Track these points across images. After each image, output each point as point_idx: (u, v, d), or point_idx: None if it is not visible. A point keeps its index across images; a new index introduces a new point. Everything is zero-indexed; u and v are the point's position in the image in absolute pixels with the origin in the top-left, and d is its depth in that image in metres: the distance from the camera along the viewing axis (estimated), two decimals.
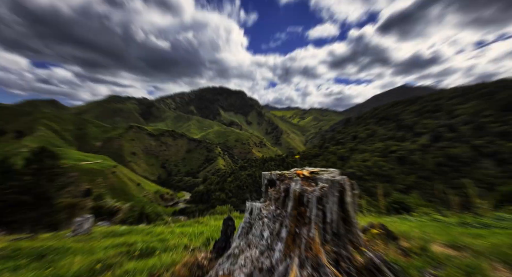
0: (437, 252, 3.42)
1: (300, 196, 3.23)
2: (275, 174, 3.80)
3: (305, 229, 3.05)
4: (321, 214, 3.12)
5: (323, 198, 3.15)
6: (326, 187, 3.19)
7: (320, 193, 3.18)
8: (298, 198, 3.23)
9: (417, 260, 3.16)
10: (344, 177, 3.36)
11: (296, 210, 3.20)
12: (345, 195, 3.25)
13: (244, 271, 3.02)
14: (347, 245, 3.05)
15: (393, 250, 3.53)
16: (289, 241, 3.05)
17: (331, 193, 3.15)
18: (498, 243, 3.81)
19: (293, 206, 3.20)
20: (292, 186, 3.28)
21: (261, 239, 3.20)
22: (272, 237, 3.14)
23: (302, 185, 3.32)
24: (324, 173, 3.62)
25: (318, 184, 3.35)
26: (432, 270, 2.84)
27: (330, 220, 3.10)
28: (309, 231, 3.02)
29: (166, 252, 5.86)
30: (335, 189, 3.17)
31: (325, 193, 3.15)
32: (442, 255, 3.33)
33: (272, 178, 3.76)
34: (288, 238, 3.06)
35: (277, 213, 3.29)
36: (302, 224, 3.11)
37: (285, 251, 2.99)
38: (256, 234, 3.28)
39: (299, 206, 3.23)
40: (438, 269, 2.93)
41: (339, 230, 3.11)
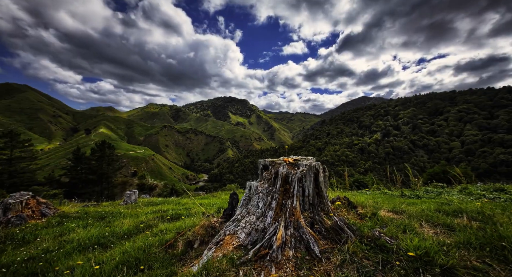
0: (384, 216, 3.42)
1: (286, 177, 3.22)
2: (268, 161, 3.78)
3: (289, 201, 3.04)
4: (301, 190, 3.11)
5: (302, 178, 3.14)
6: (305, 170, 3.18)
7: (301, 175, 3.17)
8: (284, 179, 3.22)
9: (369, 222, 3.16)
10: (318, 163, 3.34)
11: (283, 187, 3.19)
12: (319, 176, 3.24)
13: (245, 231, 3.03)
14: (319, 212, 3.05)
15: (352, 215, 3.53)
16: (277, 210, 3.05)
17: (308, 174, 3.14)
18: (424, 208, 3.83)
19: (281, 184, 3.19)
20: (280, 169, 3.27)
21: (257, 208, 3.20)
22: (265, 207, 3.13)
23: (288, 169, 3.31)
24: (304, 160, 3.60)
25: (299, 168, 3.33)
26: (379, 228, 2.84)
27: (308, 194, 3.10)
28: (292, 202, 3.02)
29: (189, 217, 5.87)
30: (311, 172, 3.16)
31: (304, 174, 3.14)
32: (387, 218, 3.33)
33: (266, 164, 3.74)
34: (277, 207, 3.06)
35: (269, 190, 3.28)
36: (287, 197, 3.11)
37: (274, 217, 2.99)
38: (253, 204, 3.28)
39: (285, 184, 3.22)
40: (384, 227, 2.93)
41: (314, 202, 3.11)
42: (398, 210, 3.81)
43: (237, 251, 2.83)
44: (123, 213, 8.45)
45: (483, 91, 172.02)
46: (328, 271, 2.30)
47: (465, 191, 7.50)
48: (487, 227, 2.78)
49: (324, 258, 2.48)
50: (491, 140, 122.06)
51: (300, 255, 2.57)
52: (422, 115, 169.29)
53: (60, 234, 5.76)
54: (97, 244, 4.72)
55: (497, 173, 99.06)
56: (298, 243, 2.68)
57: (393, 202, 4.97)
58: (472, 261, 2.20)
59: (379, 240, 2.51)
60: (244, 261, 2.60)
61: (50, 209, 7.55)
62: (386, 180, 10.99)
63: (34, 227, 6.28)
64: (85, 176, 35.05)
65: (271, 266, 2.46)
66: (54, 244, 4.98)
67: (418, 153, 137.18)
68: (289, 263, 2.48)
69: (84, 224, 6.72)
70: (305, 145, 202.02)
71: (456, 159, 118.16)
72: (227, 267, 2.50)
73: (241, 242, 2.94)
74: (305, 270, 2.35)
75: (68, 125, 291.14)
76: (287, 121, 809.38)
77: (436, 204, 4.20)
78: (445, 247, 2.42)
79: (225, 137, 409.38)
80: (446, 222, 3.06)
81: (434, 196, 6.81)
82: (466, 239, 2.52)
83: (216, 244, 3.10)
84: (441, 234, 2.85)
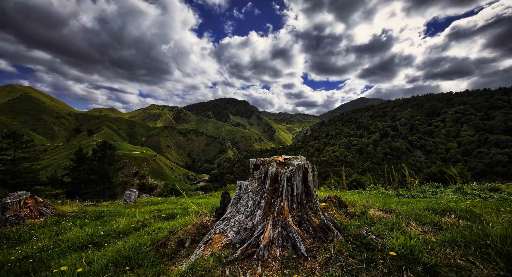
0: (373, 215, 3.40)
1: (275, 176, 3.20)
2: (259, 160, 3.75)
3: (278, 200, 3.02)
4: (290, 189, 3.09)
5: (291, 177, 3.12)
6: (294, 169, 3.16)
7: (290, 174, 3.15)
8: (274, 178, 3.20)
9: (357, 220, 3.14)
10: (307, 162, 3.32)
11: (272, 186, 3.17)
12: (308, 175, 3.22)
13: (233, 230, 3.01)
14: (308, 211, 3.03)
15: (342, 214, 3.51)
16: (266, 209, 3.03)
17: (297, 174, 3.12)
18: (415, 207, 3.80)
19: (270, 183, 3.17)
20: (269, 169, 3.25)
21: (246, 207, 3.18)
22: (254, 205, 3.11)
23: (277, 168, 3.29)
24: (294, 159, 3.58)
25: (289, 167, 3.31)
26: (367, 227, 2.82)
27: (296, 193, 3.07)
28: (281, 201, 3.00)
29: (184, 216, 5.85)
30: (300, 171, 3.14)
31: (293, 174, 3.12)
32: (376, 217, 3.31)
33: (257, 163, 3.72)
34: (265, 206, 3.04)
35: (259, 189, 3.26)
36: (276, 196, 3.09)
37: (263, 215, 2.96)
38: (243, 203, 3.26)
39: (274, 183, 3.20)
40: (371, 226, 2.91)
41: (302, 200, 3.08)
42: (388, 209, 3.78)
43: (225, 250, 2.80)
44: (121, 212, 8.43)
45: (480, 92, 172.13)
46: (313, 270, 2.27)
47: (460, 191, 7.47)
48: (474, 226, 2.75)
49: (310, 256, 2.46)
50: (487, 140, 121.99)
51: (287, 253, 2.55)
52: (419, 116, 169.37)
53: (56, 233, 5.74)
54: (91, 243, 4.69)
55: (493, 173, 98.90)
56: (285, 242, 2.66)
57: (388, 201, 4.93)
58: (456, 259, 2.18)
59: (365, 238, 2.48)
60: (231, 260, 2.57)
61: (48, 209, 7.52)
62: (384, 180, 10.97)
63: (32, 226, 6.26)
64: (87, 176, 35.03)
65: (258, 264, 2.43)
66: (50, 243, 4.96)
67: (415, 154, 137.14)
68: (275, 262, 2.46)
69: (81, 223, 6.70)
70: (305, 145, 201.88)
71: (453, 159, 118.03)
72: (214, 266, 2.47)
73: (229, 241, 2.91)
74: (291, 269, 2.32)
75: (71, 126, 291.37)
76: (287, 122, 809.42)
77: (426, 203, 4.17)
78: (430, 246, 2.39)
79: (226, 138, 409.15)
80: (434, 221, 3.04)
81: (429, 196, 6.79)
82: (452, 238, 2.50)
83: (205, 243, 3.08)
84: (428, 232, 2.83)
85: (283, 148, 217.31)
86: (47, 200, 12.59)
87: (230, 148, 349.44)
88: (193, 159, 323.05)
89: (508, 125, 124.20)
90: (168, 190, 28.00)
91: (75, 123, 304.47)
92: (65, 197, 24.12)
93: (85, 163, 36.00)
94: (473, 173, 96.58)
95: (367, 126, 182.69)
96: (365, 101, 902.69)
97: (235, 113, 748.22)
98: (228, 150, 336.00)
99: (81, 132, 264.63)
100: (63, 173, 41.04)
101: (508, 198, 6.07)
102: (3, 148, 31.97)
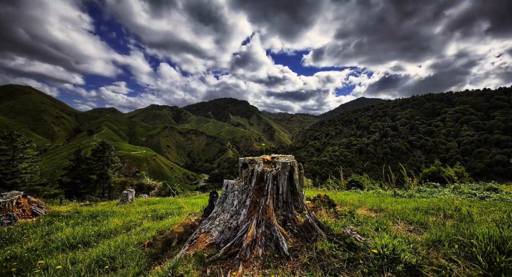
0: (361, 214, 3.36)
1: (261, 175, 3.17)
2: (247, 159, 3.72)
3: (263, 199, 2.98)
4: (275, 188, 3.05)
5: (277, 176, 3.09)
6: (280, 168, 3.13)
7: (276, 173, 3.11)
8: (260, 176, 3.16)
9: (343, 220, 3.10)
10: (294, 160, 3.28)
11: (258, 185, 3.14)
12: (293, 173, 3.18)
13: (218, 229, 2.97)
14: (293, 210, 2.99)
15: (330, 213, 3.47)
16: (251, 208, 2.99)
17: (283, 172, 3.08)
18: (405, 206, 3.76)
19: (256, 182, 3.13)
20: (255, 167, 3.21)
21: (232, 206, 3.14)
22: (240, 205, 3.08)
23: (263, 167, 3.25)
24: (281, 158, 3.55)
25: (276, 166, 3.28)
26: (352, 226, 2.78)
27: (282, 192, 3.04)
28: (266, 200, 2.96)
29: (176, 216, 5.82)
30: (286, 170, 3.10)
31: (279, 172, 3.08)
32: (364, 216, 3.27)
33: (245, 162, 3.68)
34: (251, 205, 3.00)
35: (245, 188, 3.22)
36: (262, 195, 3.05)
37: (248, 215, 2.93)
38: (229, 202, 3.22)
39: (260, 182, 3.16)
40: (358, 225, 2.87)
41: (287, 199, 3.05)
42: (378, 208, 3.75)
43: (208, 250, 2.77)
44: (115, 212, 8.39)
45: (479, 92, 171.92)
46: (293, 270, 2.24)
47: (457, 190, 7.43)
48: (460, 225, 2.72)
49: (293, 256, 2.42)
50: (487, 140, 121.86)
51: (270, 253, 2.51)
52: (419, 116, 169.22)
53: (48, 233, 5.70)
54: (81, 242, 4.66)
55: (493, 173, 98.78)
56: (268, 241, 2.62)
57: (382, 200, 4.90)
58: (439, 259, 2.14)
59: (348, 238, 2.45)
60: (213, 260, 2.54)
61: (42, 208, 7.49)
62: (383, 180, 10.92)
63: (24, 226, 6.22)
64: (86, 176, 35.02)
65: (239, 264, 2.40)
66: (40, 243, 4.93)
67: (415, 154, 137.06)
68: (257, 262, 2.42)
69: (74, 223, 6.67)
70: (305, 145, 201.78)
71: (453, 159, 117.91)
72: (195, 266, 2.44)
73: (213, 240, 2.88)
74: (272, 269, 2.29)
75: (71, 126, 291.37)
76: (287, 122, 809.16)
77: (417, 202, 4.13)
78: (414, 245, 2.36)
79: (226, 138, 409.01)
80: (421, 220, 3.00)
81: (426, 196, 6.74)
82: (437, 237, 2.46)
83: (190, 242, 3.04)
84: (414, 231, 2.79)
85: (283, 148, 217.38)
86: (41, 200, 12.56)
87: (230, 148, 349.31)
88: (193, 159, 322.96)
89: (508, 125, 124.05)
90: (167, 190, 28.00)
91: (75, 123, 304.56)
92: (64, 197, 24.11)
93: (84, 163, 36.00)
94: (473, 173, 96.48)
95: (367, 126, 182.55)
96: (365, 101, 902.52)
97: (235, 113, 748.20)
98: (228, 150, 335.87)
99: (81, 132, 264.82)
100: (62, 173, 41.03)
101: (505, 197, 6.03)
102: (2, 149, 31.95)
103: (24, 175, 32.82)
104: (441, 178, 12.71)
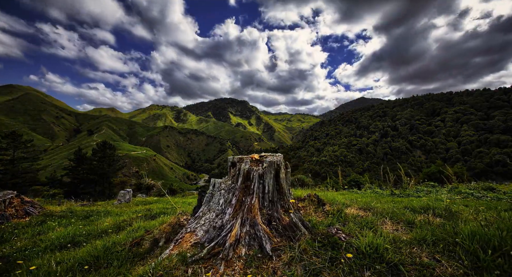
0: (350, 213, 3.32)
1: (248, 173, 3.13)
2: (236, 158, 3.68)
3: (249, 198, 2.95)
4: (261, 186, 3.02)
5: (263, 175, 3.05)
6: (266, 166, 3.09)
7: (262, 171, 3.07)
8: (246, 175, 3.12)
9: (329, 219, 3.06)
10: (280, 159, 3.25)
11: (244, 184, 3.10)
12: (280, 172, 3.14)
13: (203, 228, 2.93)
14: (279, 209, 2.95)
15: (318, 212, 3.43)
16: (237, 207, 2.95)
17: (269, 171, 3.04)
18: (395, 206, 3.72)
19: (242, 181, 3.10)
20: (242, 166, 3.18)
21: (218, 205, 3.10)
22: (226, 204, 3.04)
23: (250, 165, 3.22)
24: (269, 156, 3.51)
25: (263, 165, 3.24)
26: (339, 225, 2.74)
27: (268, 191, 3.00)
28: (252, 199, 2.92)
29: (168, 215, 5.78)
30: (272, 168, 3.07)
31: (265, 171, 3.05)
32: (352, 215, 3.23)
33: (234, 161, 3.64)
34: (236, 204, 2.96)
35: (232, 186, 3.19)
36: (248, 194, 3.01)
37: (233, 214, 2.89)
38: (215, 201, 3.18)
39: (247, 181, 3.12)
40: (344, 225, 2.83)
41: (273, 198, 3.01)
42: (367, 207, 3.71)
43: (193, 249, 2.73)
44: (110, 212, 8.35)
45: (480, 92, 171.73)
46: (275, 269, 2.20)
47: (455, 190, 7.39)
48: (447, 224, 2.68)
49: (275, 255, 2.39)
50: (487, 140, 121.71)
51: (253, 252, 2.47)
52: (419, 116, 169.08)
53: (39, 233, 5.67)
54: (71, 242, 4.62)
55: (493, 173, 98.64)
56: (252, 241, 2.58)
57: (379, 200, 4.85)
58: (422, 258, 2.10)
59: (332, 237, 2.41)
60: (196, 259, 2.50)
61: (35, 208, 7.46)
62: (381, 179, 10.88)
63: (16, 226, 6.19)
64: (86, 176, 34.97)
65: (221, 264, 2.36)
66: (30, 243, 4.90)
67: (415, 154, 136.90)
68: (239, 261, 2.38)
69: (67, 223, 6.64)
70: (304, 145, 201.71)
71: (453, 159, 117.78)
72: (176, 266, 2.40)
73: (198, 240, 2.84)
74: (253, 268, 2.25)
75: (71, 126, 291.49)
76: (287, 122, 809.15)
77: (408, 202, 4.09)
78: (398, 244, 2.32)
79: (226, 138, 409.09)
80: (409, 219, 2.96)
81: (423, 195, 6.70)
82: (422, 236, 2.42)
83: (175, 242, 3.00)
84: (401, 230, 2.75)
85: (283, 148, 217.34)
86: (39, 200, 12.51)
87: (230, 148, 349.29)
88: (193, 159, 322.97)
89: (508, 125, 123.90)
90: (166, 190, 28.01)
91: (75, 123, 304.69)
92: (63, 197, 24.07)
93: (85, 163, 35.97)
94: (473, 173, 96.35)
95: (367, 126, 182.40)
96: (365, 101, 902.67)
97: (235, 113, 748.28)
98: (228, 150, 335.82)
99: (81, 132, 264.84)
100: (62, 173, 41.02)
101: (502, 197, 6.00)
102: (2, 148, 31.94)
103: (25, 175, 32.83)
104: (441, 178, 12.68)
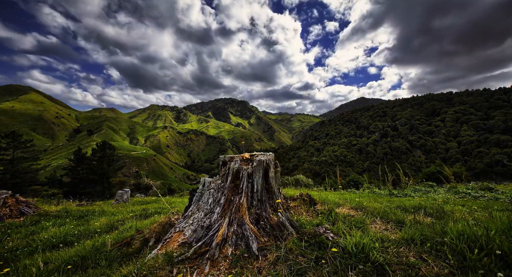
0: (340, 213, 3.29)
1: (237, 172, 3.10)
2: (227, 157, 3.65)
3: (238, 197, 2.92)
4: (250, 186, 2.99)
5: (253, 174, 3.02)
6: (255, 165, 3.06)
7: (252, 170, 3.05)
8: (235, 174, 3.10)
9: (318, 218, 3.03)
10: (270, 158, 3.22)
11: (233, 183, 3.07)
12: (269, 171, 3.12)
13: (191, 228, 2.91)
14: (267, 208, 2.92)
15: (310, 212, 3.41)
16: (226, 206, 2.93)
17: (258, 170, 3.01)
18: (388, 205, 3.69)
19: (231, 180, 3.07)
20: (231, 165, 3.15)
21: (206, 204, 3.07)
22: (214, 203, 3.01)
23: (240, 164, 3.19)
24: (260, 155, 3.48)
25: (253, 163, 3.21)
26: (328, 225, 2.71)
27: (256, 190, 2.97)
28: (240, 198, 2.89)
29: (161, 215, 5.75)
30: (261, 167, 3.04)
31: (254, 170, 3.02)
32: (343, 214, 3.20)
33: (225, 160, 3.61)
34: (225, 203, 2.94)
35: (221, 186, 3.16)
36: (236, 193, 2.99)
37: (221, 213, 2.86)
38: (204, 201, 3.15)
39: (236, 180, 3.10)
40: (334, 224, 2.80)
41: (262, 198, 2.98)
42: (359, 207, 3.68)
43: (180, 249, 2.70)
44: (105, 212, 8.33)
45: (479, 92, 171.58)
46: (260, 269, 2.17)
47: (453, 190, 7.37)
48: (437, 223, 2.65)
49: (262, 255, 2.36)
50: (487, 140, 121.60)
51: (239, 252, 2.44)
52: (419, 116, 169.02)
53: (32, 233, 5.64)
54: (63, 242, 4.60)
55: (493, 173, 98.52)
56: (239, 240, 2.55)
57: (376, 199, 4.83)
58: (409, 257, 2.08)
59: (319, 237, 2.38)
60: (182, 259, 2.47)
61: (30, 208, 7.43)
62: (380, 179, 10.85)
63: (9, 226, 6.17)
64: (86, 176, 34.93)
65: (206, 264, 2.33)
66: (22, 243, 4.87)
67: (415, 153, 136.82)
68: (225, 261, 2.35)
69: (61, 222, 6.61)
70: (304, 145, 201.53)
71: (453, 159, 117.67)
72: (162, 266, 2.37)
73: (186, 239, 2.81)
74: (239, 268, 2.22)
75: (71, 126, 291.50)
76: (287, 122, 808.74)
77: (399, 201, 4.06)
78: (386, 243, 2.29)
79: (226, 138, 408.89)
80: (399, 218, 2.93)
81: (420, 195, 6.68)
82: (410, 235, 2.39)
83: (164, 241, 2.98)
84: (391, 230, 2.72)
85: (283, 148, 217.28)
86: (37, 200, 12.46)
87: (230, 148, 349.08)
88: (193, 159, 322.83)
89: (508, 125, 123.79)
90: (165, 189, 27.96)
91: (75, 123, 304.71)
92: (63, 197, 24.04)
93: (84, 163, 35.93)
94: (473, 173, 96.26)
95: (367, 126, 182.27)
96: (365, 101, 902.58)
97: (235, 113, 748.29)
98: (228, 150, 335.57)
99: (81, 132, 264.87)
100: (62, 173, 40.99)
101: (499, 197, 5.97)
102: (2, 148, 31.90)
103: (24, 175, 32.79)
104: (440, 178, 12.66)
